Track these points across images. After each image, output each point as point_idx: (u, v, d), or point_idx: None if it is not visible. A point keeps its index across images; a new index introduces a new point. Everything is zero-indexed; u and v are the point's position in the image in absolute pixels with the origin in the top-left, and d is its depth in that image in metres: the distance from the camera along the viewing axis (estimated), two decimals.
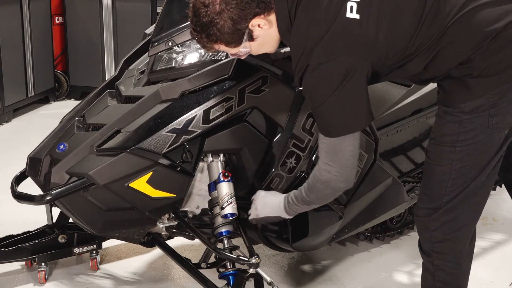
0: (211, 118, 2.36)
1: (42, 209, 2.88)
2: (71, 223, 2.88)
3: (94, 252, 2.96)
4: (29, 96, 5.71)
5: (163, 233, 2.61)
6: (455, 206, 2.04)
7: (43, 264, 2.83)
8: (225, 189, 2.35)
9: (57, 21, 6.10)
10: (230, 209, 2.35)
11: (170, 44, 2.53)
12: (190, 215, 2.55)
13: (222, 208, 2.35)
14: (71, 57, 6.10)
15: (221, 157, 2.44)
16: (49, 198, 2.37)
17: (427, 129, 3.12)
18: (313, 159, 2.53)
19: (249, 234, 2.54)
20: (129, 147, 2.33)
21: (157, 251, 3.13)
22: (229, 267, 2.41)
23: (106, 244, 3.04)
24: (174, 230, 2.58)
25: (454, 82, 1.99)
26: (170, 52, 2.54)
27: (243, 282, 2.36)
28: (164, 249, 2.62)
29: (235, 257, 2.38)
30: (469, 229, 2.11)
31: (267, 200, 2.34)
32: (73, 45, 6.05)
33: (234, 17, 1.96)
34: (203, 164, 2.47)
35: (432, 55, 1.96)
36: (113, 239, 2.88)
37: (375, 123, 2.75)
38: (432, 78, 2.07)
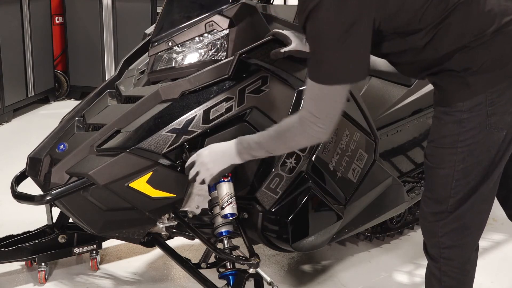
0: (211, 118, 2.36)
1: (42, 209, 2.88)
2: (71, 223, 2.88)
3: (94, 252, 2.96)
4: (29, 96, 5.72)
5: (163, 233, 2.61)
6: (464, 213, 2.02)
7: (43, 264, 2.83)
8: (225, 189, 2.35)
9: (57, 21, 6.10)
10: (230, 209, 2.34)
11: (170, 44, 2.53)
12: (190, 215, 2.55)
13: (222, 208, 2.35)
14: (71, 57, 6.10)
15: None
16: (49, 198, 2.37)
17: (427, 129, 3.12)
18: (313, 159, 2.53)
19: (249, 234, 2.54)
20: (129, 147, 2.33)
21: (157, 251, 3.12)
22: (229, 267, 2.41)
23: (106, 244, 3.04)
24: (174, 230, 2.58)
25: (452, 78, 1.97)
26: (170, 52, 2.54)
27: (243, 282, 2.36)
28: (164, 249, 2.62)
29: (235, 257, 2.38)
30: (477, 235, 2.09)
31: (216, 153, 2.25)
32: (73, 45, 6.05)
33: None
34: None
35: (433, 33, 1.93)
36: (113, 239, 2.88)
37: (375, 123, 2.75)
38: (429, 67, 2.02)
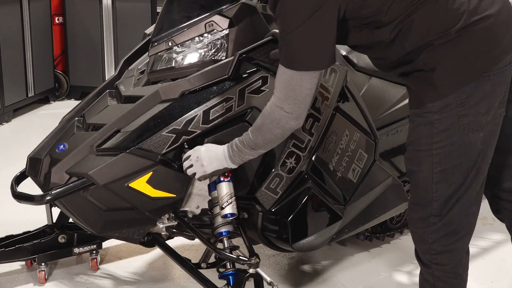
0: (211, 118, 2.36)
1: (42, 209, 2.88)
2: (71, 223, 2.88)
3: (94, 252, 2.95)
4: (29, 96, 5.71)
5: (163, 233, 2.61)
6: (452, 218, 2.02)
7: (43, 264, 2.83)
8: (225, 189, 2.35)
9: (57, 21, 6.10)
10: (230, 209, 2.34)
11: (170, 44, 2.53)
12: (190, 215, 2.55)
13: (222, 208, 2.35)
14: (71, 57, 6.10)
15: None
16: (49, 198, 2.37)
17: None
18: (313, 159, 2.53)
19: (249, 234, 2.54)
20: (129, 147, 2.33)
21: (157, 251, 3.12)
22: (229, 267, 2.41)
23: (106, 244, 3.04)
24: (174, 230, 2.58)
25: (420, 80, 1.96)
26: (170, 52, 2.54)
27: (243, 282, 2.36)
28: (164, 249, 2.62)
29: (235, 257, 2.38)
30: (467, 239, 2.10)
31: (211, 154, 2.27)
32: (73, 45, 6.05)
33: None
34: None
35: (399, 28, 1.92)
36: (113, 239, 2.88)
37: (375, 123, 2.75)
38: (398, 65, 2.01)
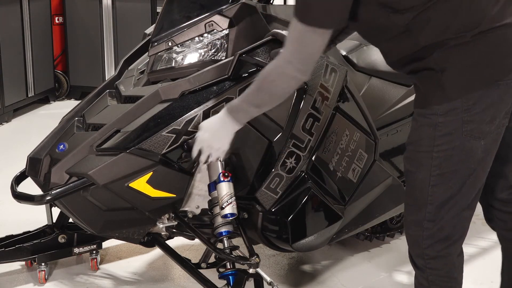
0: None
1: (42, 209, 2.88)
2: (71, 223, 2.88)
3: (94, 252, 2.95)
4: (29, 96, 5.72)
5: (163, 233, 2.61)
6: (446, 223, 2.01)
7: (43, 264, 2.83)
8: (225, 189, 2.35)
9: (57, 21, 6.10)
10: (230, 209, 2.34)
11: (170, 44, 2.53)
12: (190, 215, 2.55)
13: (222, 208, 2.35)
14: (71, 57, 6.10)
15: (221, 157, 2.44)
16: (49, 198, 2.37)
17: None
18: (313, 159, 2.53)
19: (249, 234, 2.54)
20: (129, 147, 2.33)
21: (157, 251, 3.12)
22: (229, 267, 2.41)
23: (106, 244, 3.04)
24: (174, 230, 2.58)
25: (429, 80, 1.94)
26: (170, 52, 2.54)
27: (243, 282, 2.36)
28: (164, 249, 2.62)
29: (235, 257, 2.38)
30: (460, 242, 2.09)
31: (215, 131, 2.24)
32: (73, 45, 6.05)
33: None
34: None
35: (417, 18, 1.90)
36: (113, 239, 2.88)
37: (375, 123, 2.75)
38: (409, 61, 1.99)
